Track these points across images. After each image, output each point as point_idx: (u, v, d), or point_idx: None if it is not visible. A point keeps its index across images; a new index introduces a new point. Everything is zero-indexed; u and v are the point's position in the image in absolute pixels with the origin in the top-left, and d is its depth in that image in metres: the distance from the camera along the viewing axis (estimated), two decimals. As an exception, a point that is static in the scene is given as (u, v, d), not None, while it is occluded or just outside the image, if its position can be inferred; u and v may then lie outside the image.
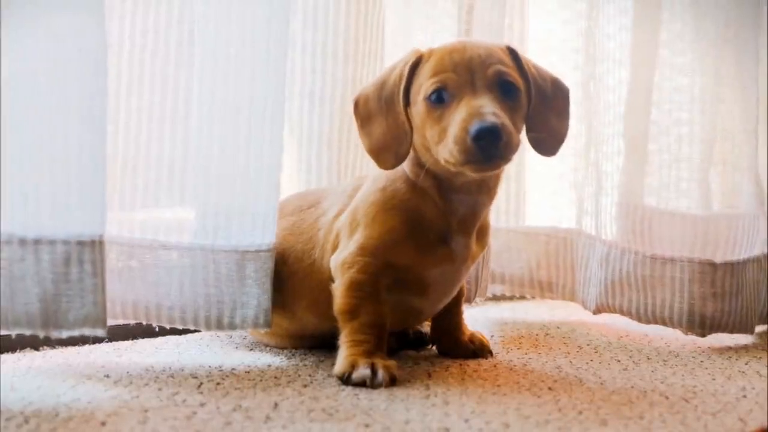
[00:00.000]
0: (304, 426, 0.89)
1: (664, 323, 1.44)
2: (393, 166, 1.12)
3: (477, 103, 1.03)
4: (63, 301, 1.01)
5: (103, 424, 0.88)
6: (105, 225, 1.05)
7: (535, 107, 1.12)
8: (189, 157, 1.18)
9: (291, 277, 1.20)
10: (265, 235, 1.18)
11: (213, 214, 1.17)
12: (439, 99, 1.06)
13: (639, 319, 1.45)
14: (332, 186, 1.34)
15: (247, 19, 1.15)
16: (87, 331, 1.03)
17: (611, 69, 1.50)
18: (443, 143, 1.04)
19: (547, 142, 1.14)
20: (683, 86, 1.49)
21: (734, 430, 0.92)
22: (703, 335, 1.42)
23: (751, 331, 1.46)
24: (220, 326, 1.17)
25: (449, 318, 1.26)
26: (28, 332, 1.01)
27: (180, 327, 1.19)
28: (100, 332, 1.03)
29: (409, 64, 1.10)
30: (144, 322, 1.18)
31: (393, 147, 1.11)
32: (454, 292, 1.21)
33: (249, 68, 1.16)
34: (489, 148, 1.01)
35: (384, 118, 1.12)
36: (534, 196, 1.68)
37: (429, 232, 1.12)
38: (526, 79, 1.11)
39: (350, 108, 1.18)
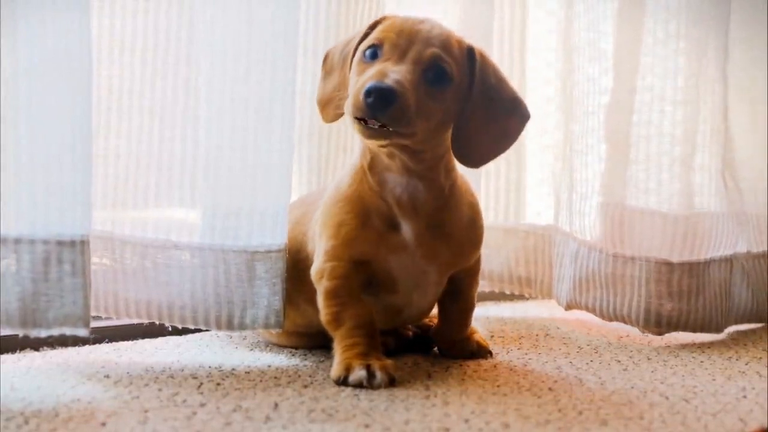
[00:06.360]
0: (304, 426, 0.89)
1: (623, 321, 1.44)
2: (332, 119, 1.14)
3: (389, 67, 1.03)
4: (42, 301, 1.01)
5: (103, 424, 0.88)
6: (89, 225, 1.05)
7: (473, 113, 1.09)
8: (199, 156, 1.19)
9: (294, 268, 1.20)
10: (275, 235, 1.18)
11: (223, 214, 1.17)
12: (372, 55, 1.07)
13: (602, 317, 1.46)
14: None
15: (255, 17, 1.15)
16: (68, 331, 1.02)
17: (585, 67, 1.49)
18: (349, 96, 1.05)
19: (471, 153, 1.12)
20: (666, 86, 1.47)
21: (734, 430, 0.92)
22: (660, 334, 1.43)
23: (718, 331, 1.45)
24: (230, 326, 1.18)
25: (454, 320, 1.25)
26: (7, 331, 1.01)
27: (192, 327, 1.19)
28: (81, 332, 1.03)
29: (371, 23, 1.12)
30: (157, 322, 1.19)
31: (335, 101, 1.13)
32: (432, 290, 1.18)
33: (258, 67, 1.15)
34: (375, 109, 1.00)
35: (338, 73, 1.14)
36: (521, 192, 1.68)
37: (375, 218, 1.12)
38: (473, 82, 1.09)
39: None
